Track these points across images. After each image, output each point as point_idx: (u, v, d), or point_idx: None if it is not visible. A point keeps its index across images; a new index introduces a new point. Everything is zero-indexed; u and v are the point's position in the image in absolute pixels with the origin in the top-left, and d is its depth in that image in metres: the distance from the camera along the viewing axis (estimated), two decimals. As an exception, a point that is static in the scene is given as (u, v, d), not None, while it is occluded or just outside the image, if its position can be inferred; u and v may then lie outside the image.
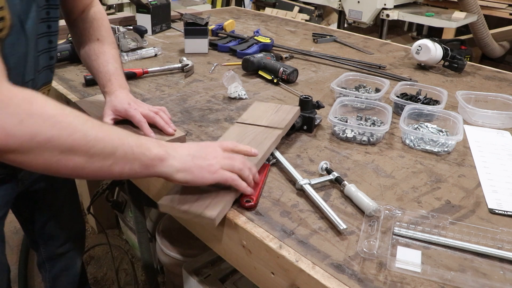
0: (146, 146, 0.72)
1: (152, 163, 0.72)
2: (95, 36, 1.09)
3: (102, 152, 0.67)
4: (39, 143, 0.61)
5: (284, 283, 0.73)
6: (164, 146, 0.75)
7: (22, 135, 0.60)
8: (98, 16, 1.12)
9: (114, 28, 1.63)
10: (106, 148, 0.67)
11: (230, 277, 1.22)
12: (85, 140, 0.65)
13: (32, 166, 0.64)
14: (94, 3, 1.14)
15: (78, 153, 0.65)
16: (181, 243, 1.51)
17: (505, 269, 0.69)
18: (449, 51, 1.55)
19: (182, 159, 0.75)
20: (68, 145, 0.63)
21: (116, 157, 0.68)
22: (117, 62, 1.08)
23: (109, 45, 1.09)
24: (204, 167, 0.76)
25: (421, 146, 1.04)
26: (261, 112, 1.08)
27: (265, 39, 1.75)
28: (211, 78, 1.47)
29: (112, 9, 2.88)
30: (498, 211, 0.83)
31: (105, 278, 1.91)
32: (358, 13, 2.81)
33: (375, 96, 1.22)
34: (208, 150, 0.79)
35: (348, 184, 0.85)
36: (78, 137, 0.64)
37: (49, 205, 1.25)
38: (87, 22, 1.10)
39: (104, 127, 0.70)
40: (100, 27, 1.10)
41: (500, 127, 1.18)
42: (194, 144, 0.81)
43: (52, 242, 1.33)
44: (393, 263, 0.69)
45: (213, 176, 0.76)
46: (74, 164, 0.65)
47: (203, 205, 0.76)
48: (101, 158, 0.67)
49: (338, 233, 0.75)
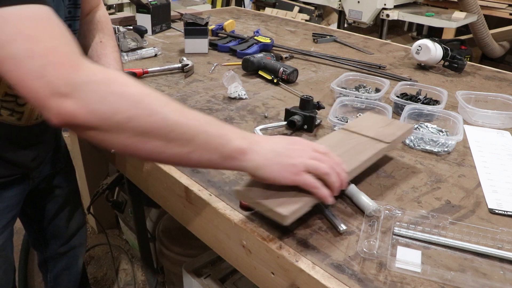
0: (228, 137, 0.69)
1: (232, 156, 0.69)
2: (98, 38, 1.10)
3: (181, 137, 0.64)
4: (119, 122, 0.61)
5: (284, 283, 0.73)
6: (248, 139, 0.71)
7: (103, 113, 0.60)
8: (102, 19, 1.14)
9: (114, 28, 1.62)
10: (186, 134, 0.65)
11: (230, 277, 1.22)
12: (164, 123, 0.63)
13: (113, 145, 0.64)
14: (100, 6, 1.16)
15: (157, 136, 0.63)
16: (181, 243, 1.51)
17: (505, 269, 0.69)
18: (449, 51, 1.55)
19: (265, 154, 0.70)
20: (148, 127, 0.62)
21: (195, 144, 0.66)
22: (118, 64, 1.09)
23: (111, 48, 1.10)
24: (286, 166, 0.71)
25: (421, 146, 1.04)
26: (371, 123, 1.00)
27: (265, 39, 1.75)
28: (211, 78, 1.47)
29: (112, 9, 2.88)
30: (498, 211, 0.83)
31: (105, 278, 1.91)
32: (358, 13, 2.81)
33: (375, 96, 1.22)
34: (295, 147, 0.74)
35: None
36: (157, 119, 0.63)
37: (53, 204, 1.26)
38: (92, 24, 1.12)
39: (185, 111, 0.67)
40: (104, 30, 1.12)
41: (500, 127, 1.18)
42: (282, 138, 0.76)
43: (55, 241, 1.34)
44: (393, 263, 0.69)
45: (294, 178, 0.71)
46: (152, 147, 0.64)
47: (278, 201, 0.71)
48: (179, 144, 0.65)
49: (338, 233, 0.75)
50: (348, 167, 0.79)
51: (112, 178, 1.47)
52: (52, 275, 1.41)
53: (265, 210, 0.72)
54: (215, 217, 0.84)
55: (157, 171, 0.98)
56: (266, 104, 1.27)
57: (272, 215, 0.71)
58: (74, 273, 1.44)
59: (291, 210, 0.69)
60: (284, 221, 0.69)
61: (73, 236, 1.36)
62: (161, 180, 0.97)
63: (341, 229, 0.75)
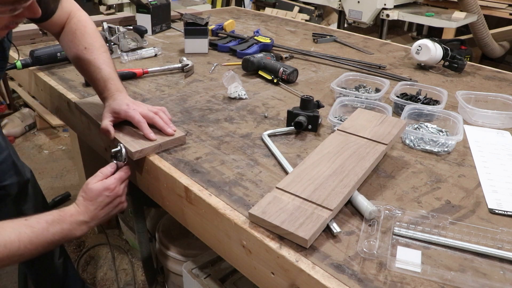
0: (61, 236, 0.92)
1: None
2: (81, 45, 1.09)
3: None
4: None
5: (284, 283, 0.73)
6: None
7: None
8: (79, 25, 1.11)
9: (114, 28, 1.63)
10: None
11: (230, 277, 1.22)
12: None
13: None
14: (72, 14, 1.13)
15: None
16: (181, 243, 1.51)
17: (505, 269, 0.69)
18: (449, 51, 1.55)
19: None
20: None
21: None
22: (109, 66, 1.08)
23: (97, 50, 1.09)
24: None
25: (421, 146, 1.04)
26: (364, 121, 1.02)
27: (265, 39, 1.75)
28: (211, 78, 1.47)
29: (112, 9, 2.87)
30: (498, 211, 0.83)
31: (105, 278, 1.91)
32: (358, 13, 2.81)
33: (375, 96, 1.22)
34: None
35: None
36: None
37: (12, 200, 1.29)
38: (69, 34, 1.11)
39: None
40: (84, 35, 1.10)
41: (500, 127, 1.18)
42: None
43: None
44: (393, 263, 0.69)
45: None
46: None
47: (296, 223, 0.73)
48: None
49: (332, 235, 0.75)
50: (355, 177, 0.83)
51: (112, 178, 1.47)
52: (33, 279, 1.51)
53: (284, 234, 0.73)
54: (215, 217, 0.84)
55: (157, 171, 0.98)
56: (266, 104, 1.27)
57: (292, 238, 0.72)
58: (54, 275, 1.50)
59: (311, 233, 0.70)
60: (305, 245, 0.71)
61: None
62: (161, 180, 0.97)
63: (335, 231, 0.75)
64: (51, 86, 1.36)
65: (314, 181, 0.82)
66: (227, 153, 1.01)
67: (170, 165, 0.96)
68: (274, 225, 0.73)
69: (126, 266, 1.96)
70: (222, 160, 0.98)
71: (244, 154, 1.00)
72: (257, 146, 1.04)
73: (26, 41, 1.72)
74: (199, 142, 1.05)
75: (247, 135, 1.09)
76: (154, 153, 1.00)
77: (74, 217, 0.93)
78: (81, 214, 0.94)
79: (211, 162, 0.97)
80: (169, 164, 0.96)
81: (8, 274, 1.88)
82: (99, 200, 0.95)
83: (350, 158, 0.88)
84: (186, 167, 0.95)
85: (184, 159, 0.98)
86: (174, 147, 1.03)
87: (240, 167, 0.95)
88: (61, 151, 2.89)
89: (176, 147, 1.03)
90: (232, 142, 1.06)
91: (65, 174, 2.64)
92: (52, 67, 1.49)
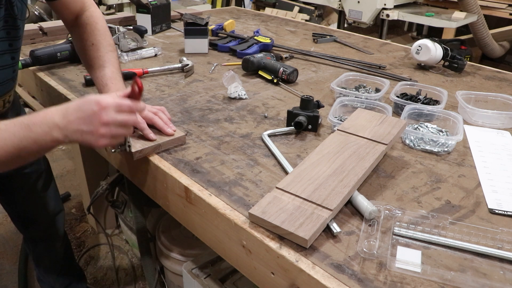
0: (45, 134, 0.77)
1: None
2: (89, 41, 1.09)
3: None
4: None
5: (284, 283, 0.73)
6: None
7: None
8: (90, 20, 1.10)
9: (114, 28, 1.63)
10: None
11: (230, 277, 1.22)
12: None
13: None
14: (86, 7, 1.12)
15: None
16: (181, 243, 1.51)
17: (505, 269, 0.69)
18: (449, 51, 1.55)
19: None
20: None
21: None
22: (114, 65, 1.07)
23: (105, 48, 1.08)
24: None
25: (421, 146, 1.04)
26: (365, 121, 1.02)
27: (265, 39, 1.75)
28: (211, 78, 1.47)
29: (112, 9, 2.87)
30: (498, 211, 0.83)
31: (105, 278, 1.91)
32: (358, 13, 2.81)
33: (375, 96, 1.22)
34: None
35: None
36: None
37: (21, 189, 1.31)
38: (80, 27, 1.10)
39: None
40: (94, 31, 1.09)
41: (500, 127, 1.18)
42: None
43: (31, 226, 1.41)
44: (393, 263, 0.69)
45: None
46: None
47: (296, 223, 0.73)
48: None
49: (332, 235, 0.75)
50: (355, 177, 0.82)
51: (112, 178, 1.47)
52: (34, 256, 1.50)
53: (284, 234, 0.73)
54: (215, 217, 0.84)
55: (157, 171, 0.98)
56: (266, 104, 1.27)
57: (292, 238, 0.72)
58: (54, 258, 1.51)
59: (311, 233, 0.70)
60: (305, 245, 0.71)
61: (49, 222, 1.42)
62: (161, 180, 0.97)
63: (335, 231, 0.75)
64: (51, 86, 1.36)
65: (314, 181, 0.82)
66: (227, 153, 1.01)
67: (170, 165, 0.96)
68: (274, 225, 0.73)
69: (126, 266, 1.96)
70: (222, 160, 0.98)
71: (244, 154, 1.01)
72: (257, 146, 1.04)
73: (26, 41, 1.72)
74: (199, 142, 1.05)
75: (247, 135, 1.09)
76: (154, 153, 1.00)
77: (48, 117, 0.76)
78: (56, 115, 0.77)
79: (211, 162, 0.97)
80: (169, 164, 0.96)
81: (8, 274, 1.88)
82: (85, 108, 0.77)
83: (350, 158, 0.88)
84: (186, 167, 0.95)
85: (184, 159, 0.98)
86: (174, 147, 1.03)
87: (240, 167, 0.95)
88: (61, 151, 2.89)
89: (176, 147, 1.03)
90: (232, 142, 1.06)
91: (65, 174, 2.63)
92: (52, 67, 1.49)
